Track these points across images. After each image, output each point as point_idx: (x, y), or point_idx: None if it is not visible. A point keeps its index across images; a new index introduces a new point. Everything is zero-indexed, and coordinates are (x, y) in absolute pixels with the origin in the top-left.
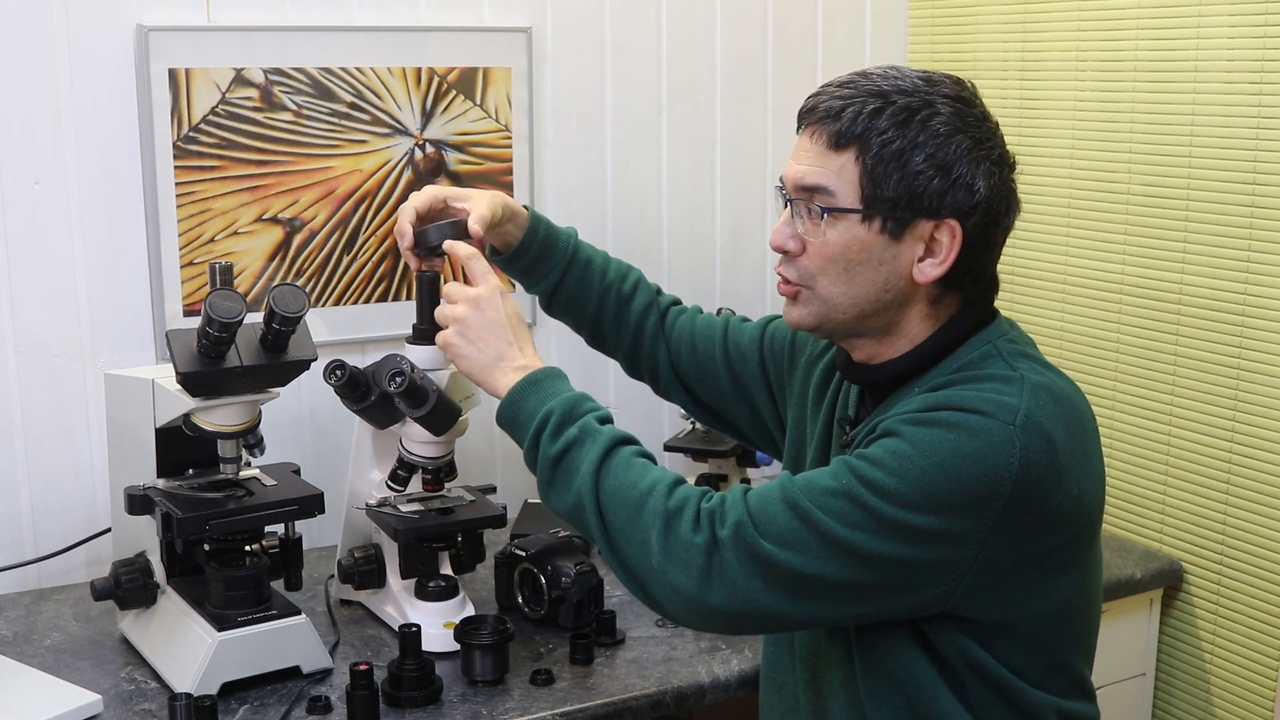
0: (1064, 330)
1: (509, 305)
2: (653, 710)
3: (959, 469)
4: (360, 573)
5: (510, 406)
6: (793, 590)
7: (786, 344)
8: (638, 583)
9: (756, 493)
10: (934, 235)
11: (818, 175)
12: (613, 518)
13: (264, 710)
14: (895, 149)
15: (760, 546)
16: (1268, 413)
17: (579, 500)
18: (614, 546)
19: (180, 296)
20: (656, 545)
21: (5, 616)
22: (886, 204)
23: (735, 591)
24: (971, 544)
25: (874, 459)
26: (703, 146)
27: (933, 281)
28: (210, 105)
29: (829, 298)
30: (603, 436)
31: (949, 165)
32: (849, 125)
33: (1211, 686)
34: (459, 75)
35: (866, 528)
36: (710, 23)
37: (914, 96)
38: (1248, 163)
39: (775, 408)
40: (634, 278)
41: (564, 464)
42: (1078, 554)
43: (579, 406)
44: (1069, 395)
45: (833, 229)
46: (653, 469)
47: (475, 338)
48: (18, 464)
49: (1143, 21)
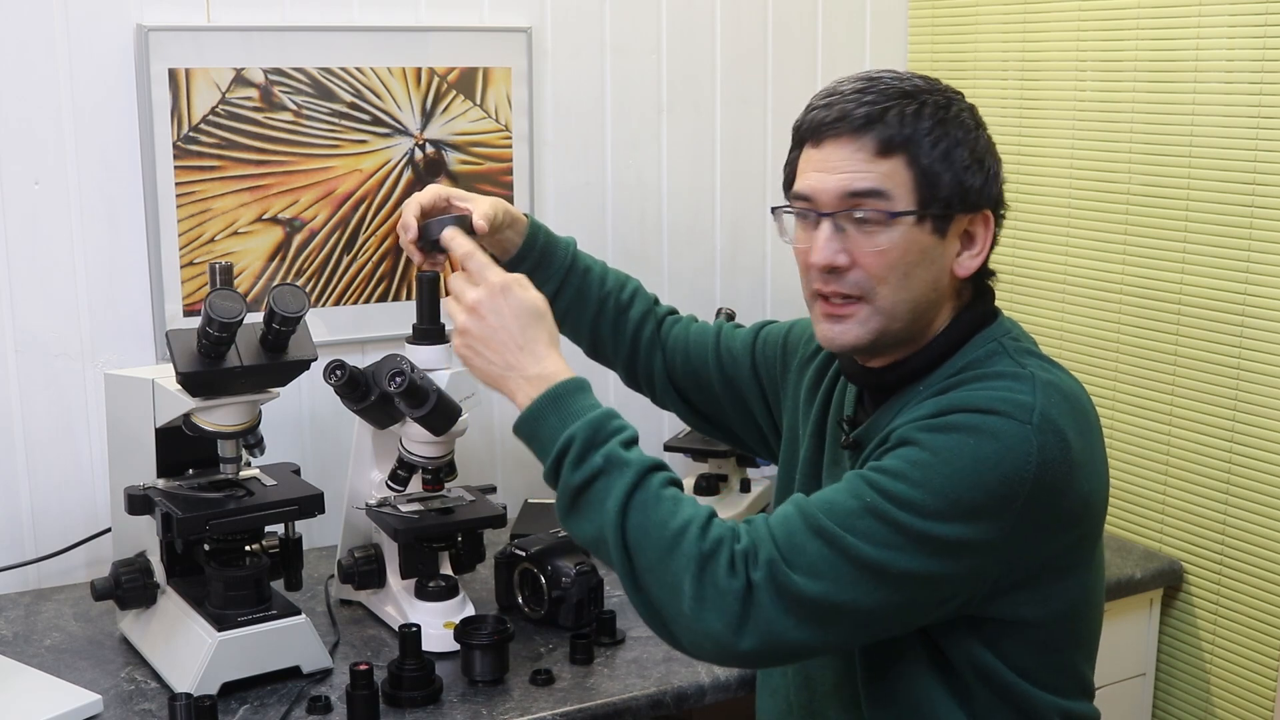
0: (1064, 330)
1: (513, 303)
2: (653, 710)
3: (981, 473)
4: (360, 573)
5: (528, 424)
6: (823, 622)
7: (779, 347)
8: (663, 624)
9: (780, 524)
10: (969, 229)
11: (868, 180)
12: (641, 557)
13: (264, 710)
14: (944, 148)
15: (792, 583)
16: (1268, 413)
17: (601, 534)
18: (640, 586)
19: (180, 296)
20: (690, 590)
21: (5, 616)
22: (940, 203)
23: (769, 633)
24: (994, 549)
25: (894, 471)
26: (703, 146)
27: (973, 274)
28: (210, 105)
29: (890, 307)
30: (630, 469)
31: (983, 158)
32: (896, 129)
33: (1211, 686)
34: (459, 75)
35: (895, 545)
36: (710, 23)
37: (936, 95)
38: (1248, 163)
39: (769, 412)
40: (632, 287)
41: (588, 495)
42: (1085, 553)
43: (603, 429)
44: (1076, 393)
45: (889, 234)
46: (683, 504)
47: (481, 349)
48: (18, 464)
49: (1143, 21)
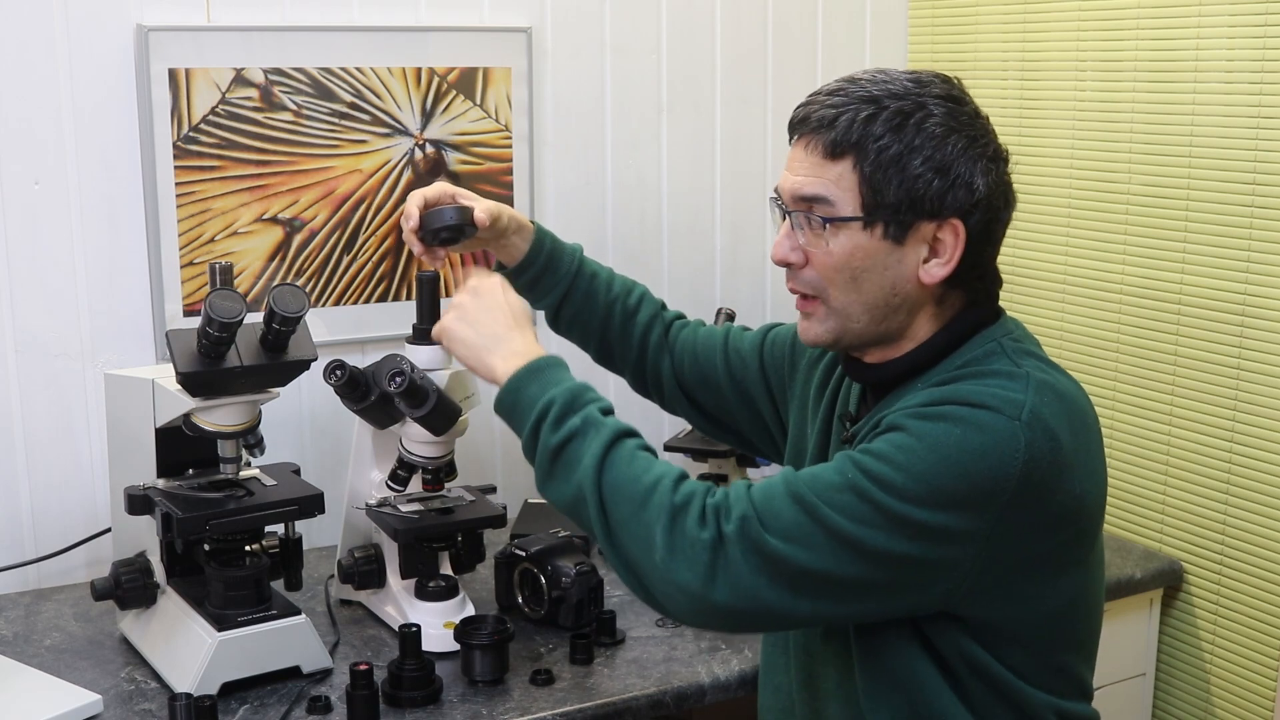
0: (1064, 330)
1: (510, 295)
2: (653, 710)
3: (965, 464)
4: (360, 573)
5: (510, 394)
6: (796, 587)
7: (787, 348)
8: (638, 579)
9: (760, 488)
10: (937, 236)
11: (815, 185)
12: (615, 511)
13: (264, 710)
14: (893, 154)
15: (766, 542)
16: (1268, 413)
17: (579, 492)
18: (615, 541)
19: (180, 296)
20: (661, 541)
21: (5, 616)
22: (888, 210)
23: (739, 588)
24: (975, 541)
25: (879, 453)
26: (703, 146)
27: (940, 281)
28: (210, 105)
29: (842, 308)
30: (606, 428)
31: (947, 166)
32: (844, 133)
33: (1211, 686)
34: (459, 75)
35: (872, 523)
36: (710, 23)
37: (905, 100)
38: (1248, 163)
39: (777, 412)
40: (639, 292)
41: (565, 455)
42: (1079, 554)
43: (581, 396)
44: (1073, 394)
45: (835, 239)
46: (656, 463)
47: (472, 321)
48: (18, 464)
49: (1143, 21)
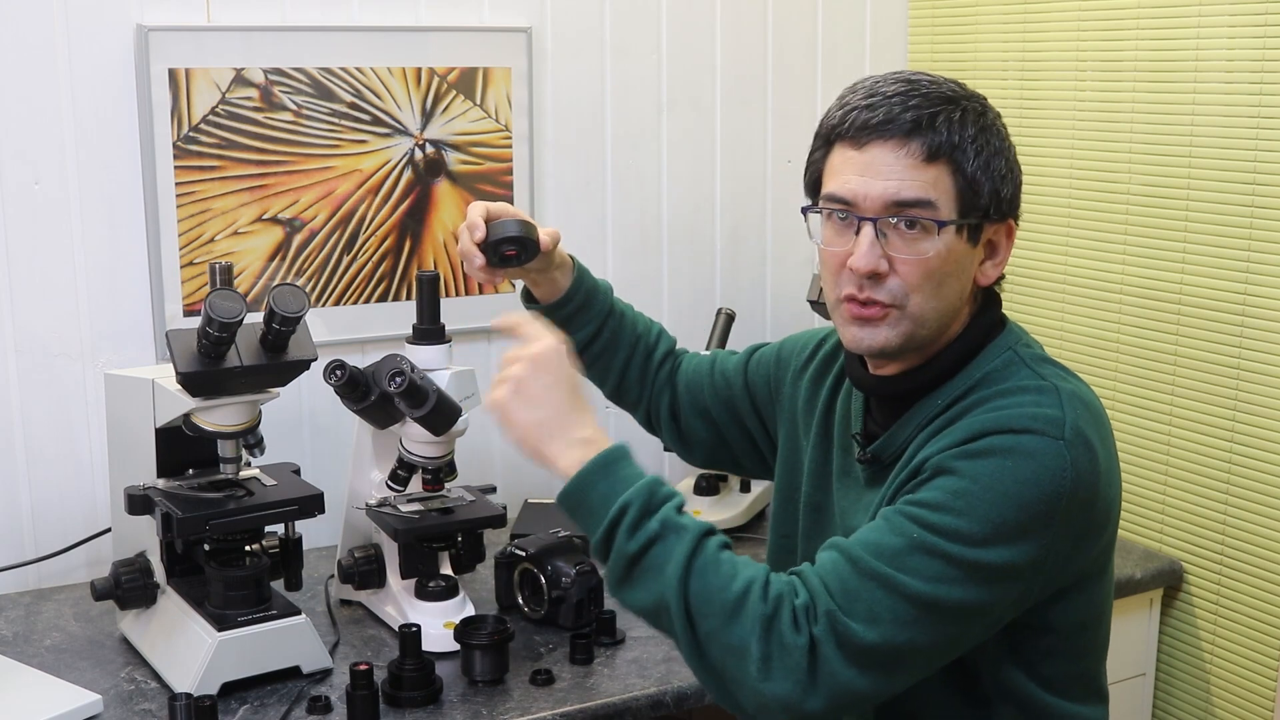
0: (1064, 330)
1: (568, 367)
2: (653, 710)
3: (1021, 495)
4: (360, 573)
5: (577, 490)
6: (885, 668)
7: (771, 364)
8: (727, 690)
9: (830, 572)
10: (993, 237)
11: (915, 189)
12: (704, 623)
13: (264, 710)
14: (985, 157)
15: (852, 632)
16: (1268, 413)
17: (662, 602)
18: (704, 652)
19: (180, 296)
20: (757, 652)
21: (5, 616)
22: (980, 211)
23: (835, 688)
24: (1037, 567)
25: (936, 504)
26: (703, 146)
27: (994, 282)
28: (210, 105)
29: (920, 314)
30: (687, 533)
31: (1015, 166)
32: (945, 135)
33: (1211, 686)
34: (459, 75)
35: (947, 578)
36: (710, 23)
37: (971, 100)
38: (1248, 163)
39: (765, 429)
40: (656, 330)
41: (645, 562)
42: (1107, 559)
43: (656, 494)
44: (1094, 401)
45: (932, 243)
46: (741, 565)
47: (533, 401)
48: (18, 464)
49: (1143, 21)
